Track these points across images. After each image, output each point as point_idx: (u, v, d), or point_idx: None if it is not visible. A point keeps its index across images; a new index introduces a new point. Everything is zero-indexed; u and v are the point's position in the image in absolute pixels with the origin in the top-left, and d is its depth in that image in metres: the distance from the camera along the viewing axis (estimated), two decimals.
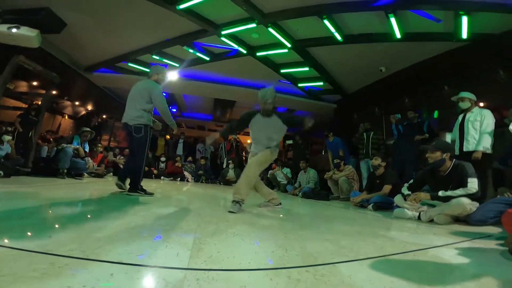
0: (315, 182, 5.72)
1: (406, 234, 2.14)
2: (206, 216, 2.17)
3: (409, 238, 1.95)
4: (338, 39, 5.22)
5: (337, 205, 4.29)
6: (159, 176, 7.72)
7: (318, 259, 1.24)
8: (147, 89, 3.24)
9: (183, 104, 11.03)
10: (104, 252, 1.03)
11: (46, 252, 0.95)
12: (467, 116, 3.54)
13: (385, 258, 1.36)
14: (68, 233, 1.24)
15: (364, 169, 5.45)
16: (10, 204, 1.89)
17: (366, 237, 1.85)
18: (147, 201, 2.76)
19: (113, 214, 1.83)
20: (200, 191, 5.04)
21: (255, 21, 4.95)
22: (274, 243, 1.49)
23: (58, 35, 5.46)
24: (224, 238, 1.49)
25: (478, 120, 3.42)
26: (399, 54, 5.61)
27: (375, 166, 4.08)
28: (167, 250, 1.16)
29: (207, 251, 1.21)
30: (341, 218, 2.99)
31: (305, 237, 1.72)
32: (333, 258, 1.27)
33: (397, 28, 4.68)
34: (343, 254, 1.37)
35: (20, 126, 5.61)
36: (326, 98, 8.55)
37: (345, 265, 1.20)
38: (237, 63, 6.76)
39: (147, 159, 3.35)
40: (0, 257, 0.87)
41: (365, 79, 6.97)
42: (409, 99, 6.16)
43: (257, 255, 1.24)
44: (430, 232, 2.21)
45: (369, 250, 1.49)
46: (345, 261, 1.24)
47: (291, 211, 3.16)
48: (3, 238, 1.05)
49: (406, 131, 4.91)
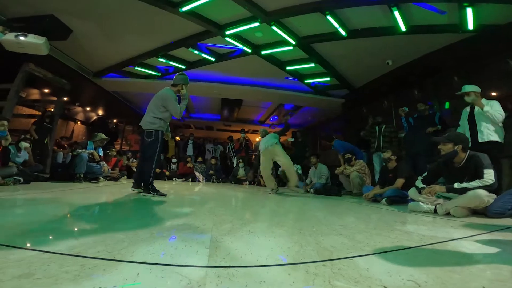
0: (327, 178, 5.70)
1: (422, 227, 2.12)
2: (221, 215, 2.21)
3: (426, 231, 1.93)
4: (342, 34, 5.19)
5: (350, 200, 4.27)
6: (171, 178, 7.85)
7: (334, 254, 1.25)
8: (161, 99, 3.40)
9: (191, 105, 11.14)
10: (129, 253, 1.08)
11: (75, 255, 1.00)
12: (476, 108, 3.47)
13: (402, 251, 1.36)
14: (93, 236, 1.29)
15: (377, 163, 5.39)
16: (33, 210, 1.98)
17: (381, 231, 1.85)
18: (162, 202, 2.82)
19: (132, 216, 1.89)
20: (212, 190, 5.11)
21: (258, 20, 4.97)
22: (289, 239, 1.51)
23: (65, 42, 5.58)
24: (240, 236, 1.52)
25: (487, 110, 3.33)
26: (405, 47, 5.54)
27: (386, 159, 4.04)
28: (186, 249, 1.20)
29: (225, 249, 1.24)
30: (355, 213, 2.98)
31: (319, 232, 1.73)
32: (349, 253, 1.28)
33: (401, 21, 4.64)
34: (359, 248, 1.37)
35: (35, 133, 5.78)
36: (333, 93, 8.48)
37: (362, 259, 1.20)
38: (242, 62, 6.78)
39: (158, 161, 3.45)
40: (34, 261, 0.92)
41: (372, 72, 6.89)
42: (419, 91, 6.06)
43: (274, 251, 1.27)
44: (447, 225, 2.18)
45: (386, 244, 1.49)
46: (361, 255, 1.25)
47: (304, 208, 3.17)
48: (33, 242, 1.11)
49: (417, 124, 4.83)
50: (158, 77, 7.69)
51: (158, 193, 3.29)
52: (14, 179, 3.55)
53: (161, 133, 3.39)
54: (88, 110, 10.34)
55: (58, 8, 4.83)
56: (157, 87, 8.13)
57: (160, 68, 7.44)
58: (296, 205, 3.37)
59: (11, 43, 3.94)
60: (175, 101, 3.40)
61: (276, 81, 7.94)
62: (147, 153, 3.39)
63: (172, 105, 3.35)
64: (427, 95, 5.81)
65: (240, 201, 3.69)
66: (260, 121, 12.96)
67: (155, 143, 3.34)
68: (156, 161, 3.37)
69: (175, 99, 3.42)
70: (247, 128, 12.83)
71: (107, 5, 4.78)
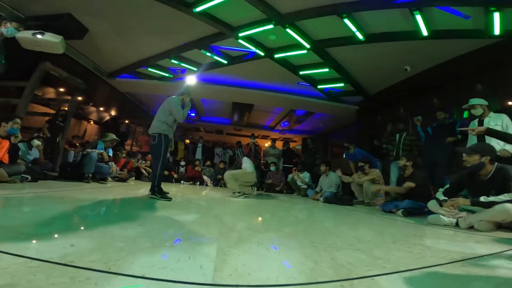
0: (338, 186, 5.51)
1: (444, 242, 1.99)
2: (228, 222, 2.10)
3: (450, 246, 1.80)
4: (359, 38, 5.03)
5: (362, 210, 4.10)
6: (179, 180, 7.80)
7: (352, 272, 1.14)
8: (168, 103, 3.71)
9: (201, 108, 11.15)
10: (126, 264, 0.97)
11: (67, 264, 0.91)
12: (485, 121, 3.43)
13: (429, 269, 1.24)
14: (90, 241, 1.20)
15: (394, 173, 5.13)
16: (33, 210, 1.92)
17: (401, 246, 1.71)
18: (168, 207, 2.74)
19: (135, 221, 1.80)
20: (220, 195, 5.01)
21: (272, 22, 4.87)
22: (301, 253, 1.39)
23: (81, 41, 5.60)
24: (248, 248, 1.41)
25: (499, 125, 3.30)
26: (425, 53, 5.33)
27: (402, 167, 3.88)
28: (190, 262, 1.09)
29: (232, 263, 1.13)
30: (369, 224, 2.83)
31: (333, 246, 1.60)
32: (369, 271, 1.16)
33: (423, 25, 4.45)
34: (380, 266, 1.25)
35: (48, 131, 5.84)
36: (347, 99, 8.29)
37: (384, 278, 1.09)
38: (254, 65, 6.70)
39: (167, 164, 3.43)
40: (19, 270, 0.83)
41: (389, 79, 6.68)
42: (438, 99, 5.82)
43: (285, 268, 1.16)
44: (472, 240, 2.05)
45: (408, 261, 1.36)
46: (383, 274, 1.13)
47: (314, 217, 3.03)
48: (24, 247, 1.02)
49: (436, 133, 4.62)
50: (170, 78, 7.71)
51: (162, 196, 3.27)
52: (21, 177, 3.54)
53: (164, 137, 3.53)
54: (101, 110, 10.48)
55: (76, 6, 4.84)
56: (169, 88, 8.23)
57: (172, 69, 7.46)
58: (306, 214, 3.23)
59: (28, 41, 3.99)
60: (179, 107, 3.70)
61: (289, 86, 7.82)
62: (153, 156, 3.64)
63: (176, 109, 3.63)
64: (447, 103, 5.58)
65: (247, 208, 3.57)
66: (270, 127, 12.86)
67: (159, 145, 3.50)
68: (161, 164, 3.47)
69: (179, 104, 3.72)
70: (257, 133, 12.74)
71: (123, 4, 4.78)
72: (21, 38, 3.94)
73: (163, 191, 3.36)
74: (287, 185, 7.22)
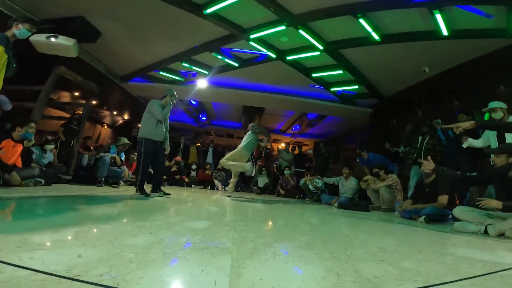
0: (354, 192, 5.33)
1: (476, 251, 1.86)
2: (241, 231, 2.01)
3: (484, 256, 1.68)
4: (375, 39, 4.89)
5: (379, 217, 3.93)
6: (190, 184, 7.78)
7: (380, 286, 1.03)
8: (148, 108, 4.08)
9: (212, 112, 11.16)
10: (135, 279, 0.89)
11: (73, 278, 0.83)
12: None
13: (465, 281, 1.13)
14: (98, 251, 1.14)
15: (413, 177, 4.90)
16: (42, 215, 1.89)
17: (430, 256, 1.59)
18: (179, 213, 2.69)
19: (146, 228, 1.74)
20: (231, 201, 4.92)
21: (284, 23, 4.80)
22: (321, 266, 1.28)
23: (94, 45, 5.67)
24: (264, 260, 1.31)
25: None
26: (444, 53, 5.13)
27: (426, 174, 3.68)
28: (203, 277, 1.00)
29: (248, 278, 1.03)
30: (389, 232, 2.69)
31: (356, 257, 1.49)
32: (399, 285, 1.06)
33: (443, 25, 4.28)
34: (410, 279, 1.14)
35: (63, 135, 5.93)
36: (361, 102, 8.10)
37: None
38: (266, 68, 6.64)
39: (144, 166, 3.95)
40: (22, 284, 0.76)
41: (406, 80, 6.48)
42: (459, 101, 5.57)
43: (306, 283, 1.05)
44: (505, 248, 1.92)
45: (441, 273, 1.25)
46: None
47: (331, 225, 2.90)
48: (29, 257, 0.97)
49: (457, 136, 4.40)
50: (181, 82, 7.74)
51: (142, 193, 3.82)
52: (35, 181, 3.57)
53: (145, 141, 3.88)
54: (114, 114, 10.63)
55: (88, 9, 4.89)
56: (180, 92, 8.22)
57: (184, 73, 7.49)
58: (321, 221, 3.11)
59: (42, 44, 4.04)
60: (158, 107, 3.99)
61: (301, 88, 7.72)
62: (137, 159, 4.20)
63: (154, 110, 3.95)
64: (468, 104, 5.33)
65: (260, 214, 3.48)
66: (282, 130, 12.74)
67: (139, 150, 3.94)
68: (141, 166, 3.90)
69: (159, 105, 4.04)
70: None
71: (135, 7, 4.81)
72: (36, 41, 4.00)
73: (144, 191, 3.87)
74: (300, 190, 7.07)
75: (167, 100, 4.11)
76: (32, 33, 2.61)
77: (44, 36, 3.97)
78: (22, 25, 2.47)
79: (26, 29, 2.48)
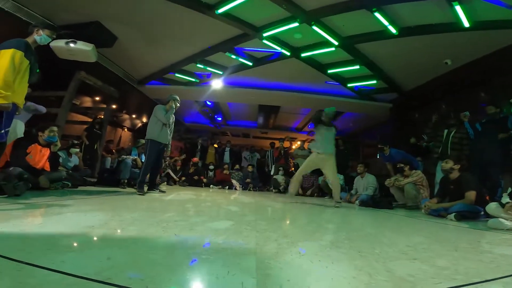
0: (375, 189, 5.18)
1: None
2: (263, 230, 1.99)
3: None
4: (392, 32, 4.73)
5: (404, 214, 3.79)
6: (208, 185, 7.85)
7: (417, 286, 0.99)
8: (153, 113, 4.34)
9: (228, 112, 11.21)
10: (163, 282, 0.89)
11: (103, 281, 0.84)
12: None
13: (510, 279, 1.08)
14: (125, 253, 1.15)
15: (439, 172, 4.67)
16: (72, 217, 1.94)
17: (467, 254, 1.53)
18: (199, 213, 2.70)
19: (169, 229, 1.75)
20: (250, 200, 4.92)
21: (297, 20, 4.73)
22: (350, 265, 1.24)
23: (112, 49, 5.81)
24: (290, 259, 1.28)
25: None
26: (467, 45, 4.90)
27: (447, 170, 3.50)
28: (229, 279, 0.98)
29: (275, 279, 1.01)
30: (417, 230, 2.58)
31: (385, 256, 1.43)
32: (437, 283, 1.01)
33: (464, 16, 4.09)
34: (448, 277, 1.09)
35: (86, 139, 6.17)
36: (379, 97, 7.85)
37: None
38: (281, 66, 6.58)
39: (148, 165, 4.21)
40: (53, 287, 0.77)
41: (427, 74, 6.22)
42: (485, 93, 5.28)
43: (336, 283, 1.01)
44: None
45: (482, 271, 1.19)
46: (456, 286, 0.98)
47: (354, 223, 2.81)
48: (60, 260, 0.98)
49: (486, 129, 4.17)
50: (196, 83, 7.82)
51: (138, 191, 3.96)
52: (62, 184, 3.72)
53: (150, 142, 4.17)
54: (133, 117, 10.94)
55: (103, 14, 5.00)
56: (196, 93, 8.36)
57: (198, 74, 7.56)
58: (343, 219, 3.02)
59: (62, 50, 4.18)
60: (162, 111, 4.26)
61: (316, 85, 7.59)
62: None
63: (158, 113, 4.24)
64: (494, 96, 5.04)
65: (280, 213, 3.44)
66: (298, 128, 12.61)
67: (146, 149, 4.26)
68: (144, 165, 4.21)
69: (163, 109, 4.30)
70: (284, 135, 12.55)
71: (148, 11, 4.89)
72: (56, 47, 4.14)
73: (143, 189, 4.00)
74: (319, 188, 6.96)
75: (170, 105, 4.36)
76: (52, 39, 2.64)
77: (63, 42, 4.08)
78: (42, 31, 2.50)
79: (46, 35, 2.51)
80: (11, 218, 1.73)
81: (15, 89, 2.29)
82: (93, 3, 4.67)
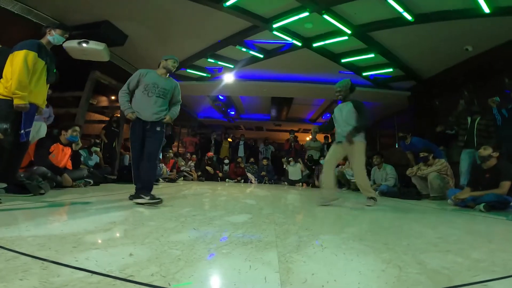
0: (396, 179, 5.02)
1: None
2: (282, 223, 1.96)
3: None
4: (408, 19, 4.53)
5: (429, 205, 3.65)
6: (224, 179, 7.91)
7: (454, 278, 0.94)
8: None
9: (240, 106, 11.18)
10: (185, 278, 0.88)
11: (127, 279, 0.83)
12: None
13: None
14: (147, 249, 1.15)
15: (465, 161, 4.42)
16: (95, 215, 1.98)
17: (503, 246, 1.47)
18: (216, 206, 2.71)
19: (188, 224, 1.75)
20: (266, 193, 4.90)
21: (307, 9, 4.58)
22: (377, 258, 1.19)
23: (123, 49, 5.85)
24: (312, 252, 1.24)
25: None
26: (488, 30, 4.65)
27: (485, 157, 3.29)
28: (251, 273, 0.96)
29: (299, 273, 0.98)
30: (446, 221, 2.48)
31: (415, 248, 1.37)
32: (475, 276, 0.96)
33: (483, 1, 3.89)
34: (487, 270, 1.04)
35: (105, 137, 6.32)
36: (396, 85, 7.57)
37: (500, 283, 0.91)
38: (292, 57, 6.44)
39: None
40: (80, 286, 0.77)
41: (447, 60, 5.94)
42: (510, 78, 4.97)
43: (364, 276, 0.97)
44: None
45: None
46: (496, 279, 0.93)
47: (375, 214, 2.73)
48: (84, 258, 0.99)
49: None
50: (208, 78, 7.80)
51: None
52: (85, 181, 3.83)
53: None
54: None
55: (113, 13, 5.02)
56: (207, 88, 8.36)
57: (210, 69, 7.53)
58: (364, 211, 2.94)
59: (76, 51, 4.25)
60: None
61: (330, 76, 7.39)
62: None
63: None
64: None
65: (298, 206, 3.40)
66: (312, 120, 12.42)
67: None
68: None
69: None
70: (297, 127, 12.36)
71: (156, 7, 4.87)
72: (69, 48, 4.20)
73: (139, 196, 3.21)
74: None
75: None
76: (65, 39, 2.66)
77: (76, 42, 4.14)
78: (54, 31, 2.52)
79: (58, 34, 2.53)
80: (36, 216, 1.79)
81: (32, 89, 2.33)
82: (102, 2, 4.70)
